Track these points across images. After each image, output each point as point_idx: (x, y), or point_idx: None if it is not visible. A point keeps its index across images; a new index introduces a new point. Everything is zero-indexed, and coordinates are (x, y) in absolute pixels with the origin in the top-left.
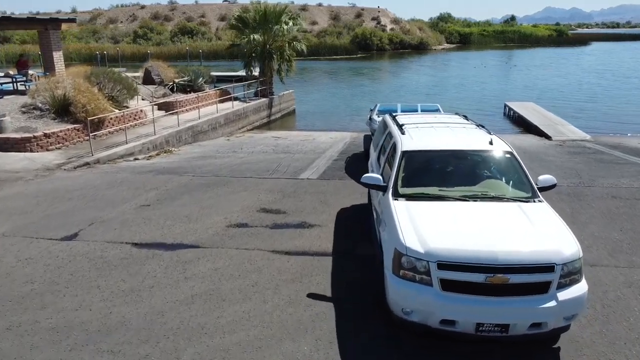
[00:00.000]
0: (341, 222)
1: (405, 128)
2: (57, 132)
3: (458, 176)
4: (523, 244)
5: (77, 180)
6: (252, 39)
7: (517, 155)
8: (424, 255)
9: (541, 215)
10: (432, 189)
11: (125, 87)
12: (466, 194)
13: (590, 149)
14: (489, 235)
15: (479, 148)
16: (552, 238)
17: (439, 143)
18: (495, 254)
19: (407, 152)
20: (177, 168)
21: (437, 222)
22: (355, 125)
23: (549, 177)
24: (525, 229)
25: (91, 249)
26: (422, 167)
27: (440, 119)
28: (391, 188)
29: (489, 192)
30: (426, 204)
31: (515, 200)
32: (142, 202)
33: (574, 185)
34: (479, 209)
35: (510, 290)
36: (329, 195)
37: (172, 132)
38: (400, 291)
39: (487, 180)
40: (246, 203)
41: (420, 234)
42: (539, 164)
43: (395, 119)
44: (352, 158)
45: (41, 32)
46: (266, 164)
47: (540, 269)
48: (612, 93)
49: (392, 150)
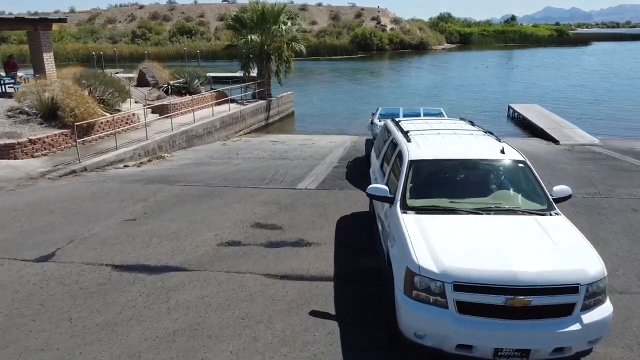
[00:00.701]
0: (342, 239)
1: (411, 135)
2: (44, 138)
3: (469, 187)
4: (545, 263)
5: (60, 191)
6: (250, 39)
7: (531, 165)
8: (438, 276)
9: (561, 230)
10: (442, 200)
11: (117, 90)
12: (479, 206)
13: (601, 154)
14: (508, 253)
15: (490, 157)
16: (574, 256)
17: (448, 152)
18: (515, 274)
19: (415, 161)
20: (168, 176)
21: (451, 239)
22: (356, 129)
23: (565, 187)
24: (545, 246)
25: (67, 272)
26: (431, 177)
27: (446, 124)
28: (399, 200)
29: (503, 205)
30: (438, 218)
31: (531, 213)
32: (128, 215)
33: (589, 196)
34: (495, 223)
35: (532, 313)
36: (329, 208)
37: (165, 136)
38: (412, 313)
39: (500, 191)
40: (239, 217)
41: (434, 252)
42: (550, 172)
43: (399, 124)
44: (353, 163)
45: (30, 33)
46: (262, 172)
47: (563, 290)
48: (615, 95)
49: (397, 158)
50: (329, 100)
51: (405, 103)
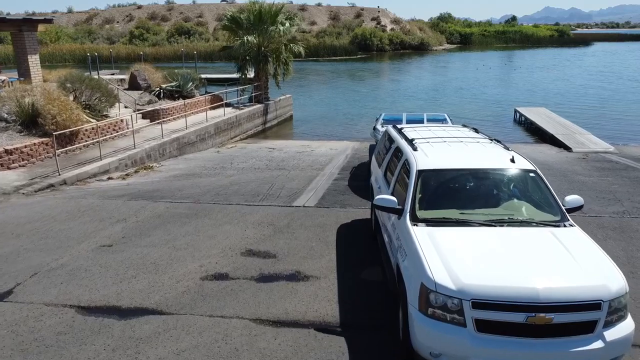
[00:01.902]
0: (345, 271)
1: (417, 144)
2: (21, 148)
3: (479, 197)
4: (565, 278)
5: (33, 209)
6: (246, 41)
7: (542, 174)
8: (456, 293)
9: (578, 243)
10: (453, 211)
11: (104, 95)
12: (491, 217)
13: (619, 163)
14: (527, 268)
15: (500, 167)
16: (595, 271)
17: (457, 161)
18: (537, 291)
19: (424, 171)
20: (154, 191)
21: (466, 253)
22: (356, 134)
23: (576, 197)
24: (564, 261)
25: (23, 316)
26: (440, 187)
27: (451, 132)
28: (408, 212)
29: (516, 216)
30: (450, 231)
31: (545, 225)
32: (103, 240)
33: (618, 215)
34: (509, 235)
35: (553, 331)
36: (329, 230)
37: (154, 144)
38: (428, 332)
39: (511, 201)
40: (229, 242)
41: (449, 267)
42: (568, 184)
43: (402, 132)
44: (355, 171)
45: (15, 34)
46: (257, 185)
47: (586, 306)
48: (620, 98)
49: (403, 168)
50: (328, 103)
51: (406, 106)
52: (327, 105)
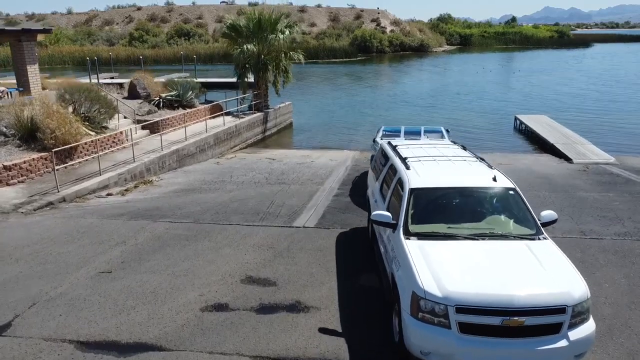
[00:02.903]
0: (347, 300)
1: (409, 162)
2: (20, 164)
3: (465, 213)
4: (536, 287)
5: (32, 230)
6: (246, 49)
7: (520, 191)
8: (442, 299)
9: (549, 255)
10: (441, 226)
11: (103, 107)
12: (475, 232)
13: (620, 176)
14: (503, 278)
15: (483, 185)
16: (562, 280)
17: (445, 180)
18: (511, 297)
19: (415, 189)
20: (154, 209)
21: (452, 264)
22: (356, 142)
23: (551, 212)
24: (535, 271)
25: (21, 353)
26: (430, 204)
27: (441, 150)
28: (402, 226)
29: (496, 230)
30: (438, 244)
31: (522, 238)
32: (103, 265)
33: (619, 237)
34: (489, 248)
35: (525, 332)
36: (329, 254)
37: (154, 158)
38: (419, 333)
39: (492, 216)
40: (229, 268)
41: (437, 277)
42: (569, 201)
43: (396, 149)
44: (357, 182)
45: (14, 44)
46: (257, 202)
47: (553, 311)
48: (620, 106)
49: (397, 185)
50: (327, 110)
51: (403, 114)
52: (326, 112)
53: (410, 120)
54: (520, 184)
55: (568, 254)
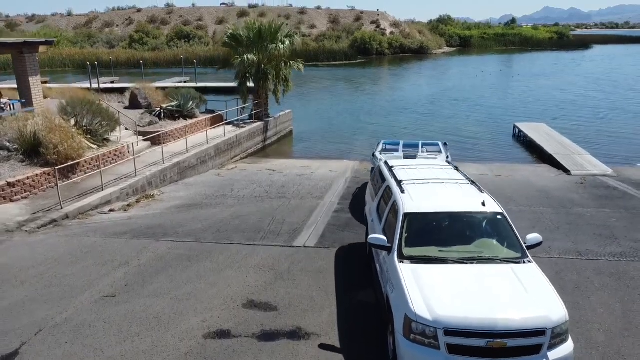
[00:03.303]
0: (347, 326)
1: (404, 186)
2: (24, 180)
3: (455, 236)
4: (518, 311)
5: (36, 250)
6: (247, 59)
7: (507, 216)
8: (432, 323)
9: (531, 278)
10: (433, 249)
11: (105, 120)
12: (464, 255)
13: (617, 190)
14: (488, 302)
15: (473, 210)
16: (542, 304)
17: (437, 205)
18: (495, 321)
19: (409, 214)
20: (156, 227)
21: (441, 289)
22: (355, 152)
23: (536, 235)
24: (518, 295)
25: None
26: (423, 227)
27: (436, 172)
28: (396, 250)
29: (484, 253)
30: (430, 268)
31: (508, 262)
32: (107, 288)
33: (615, 259)
34: (477, 272)
35: (508, 353)
36: (329, 276)
37: (155, 171)
38: (410, 354)
39: (481, 239)
40: (231, 291)
41: (428, 302)
42: (566, 218)
43: (393, 171)
44: (356, 196)
45: (16, 56)
46: (258, 219)
47: (533, 333)
48: (617, 111)
49: (392, 207)
50: (326, 117)
51: (401, 121)
52: (325, 120)
53: (409, 129)
54: (518, 199)
55: (565, 276)
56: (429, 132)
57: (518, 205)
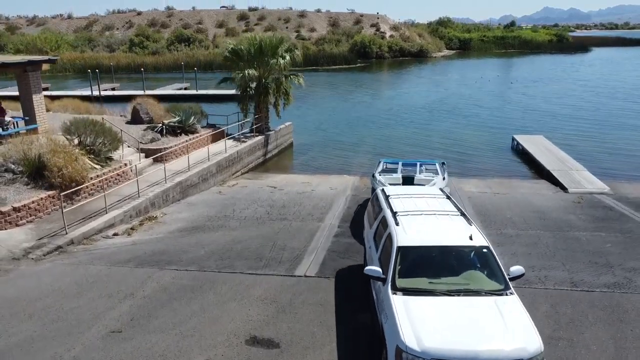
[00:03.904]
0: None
1: (399, 217)
2: (29, 204)
3: (444, 268)
4: (498, 343)
5: (42, 280)
6: (248, 74)
7: (492, 249)
8: (420, 354)
9: (511, 312)
10: (423, 280)
11: (108, 139)
12: (451, 287)
13: (613, 210)
14: (472, 335)
15: (461, 244)
16: (520, 336)
17: (428, 239)
18: (477, 353)
19: (402, 247)
20: (159, 253)
21: (430, 321)
22: (355, 166)
23: (519, 268)
24: (499, 328)
25: None
26: (415, 259)
27: (429, 202)
28: (390, 282)
29: (470, 285)
30: (420, 300)
31: (492, 294)
32: (113, 323)
33: (609, 290)
34: (462, 305)
35: None
36: (329, 309)
37: (158, 192)
38: None
39: (468, 271)
40: (234, 326)
41: (417, 334)
42: (562, 242)
43: (389, 201)
44: (360, 209)
45: (19, 75)
46: (259, 244)
47: None
48: (614, 122)
49: (388, 239)
50: (325, 128)
51: (400, 133)
52: (324, 131)
53: (407, 142)
54: (516, 220)
55: (559, 309)
56: (427, 145)
57: (515, 228)
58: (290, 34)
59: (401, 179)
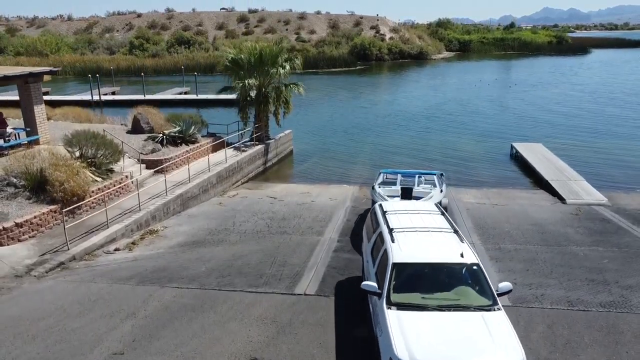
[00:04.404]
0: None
1: (395, 234)
2: (31, 219)
3: (436, 284)
4: (483, 356)
5: (45, 298)
6: (248, 84)
7: (482, 266)
8: None
9: (498, 326)
10: (416, 295)
11: (109, 150)
12: (442, 303)
13: (611, 223)
14: (459, 348)
15: (452, 261)
16: (504, 349)
17: (422, 256)
18: None
19: (397, 264)
20: (161, 270)
21: (421, 335)
22: (354, 174)
23: (507, 284)
24: (485, 342)
25: None
26: (409, 276)
27: (424, 218)
28: (385, 297)
29: (460, 301)
30: (413, 315)
31: (480, 309)
32: (115, 344)
33: (605, 309)
34: (452, 320)
35: None
36: (329, 329)
37: (159, 204)
38: None
39: (459, 287)
40: (234, 348)
41: (409, 347)
42: (559, 258)
43: (386, 217)
44: (359, 220)
45: (21, 86)
46: (259, 260)
47: None
48: (612, 128)
49: (384, 255)
50: (325, 134)
51: (399, 140)
52: (323, 138)
53: (405, 149)
54: (514, 234)
55: (556, 330)
56: (425, 154)
57: (514, 242)
58: (290, 36)
59: (400, 191)
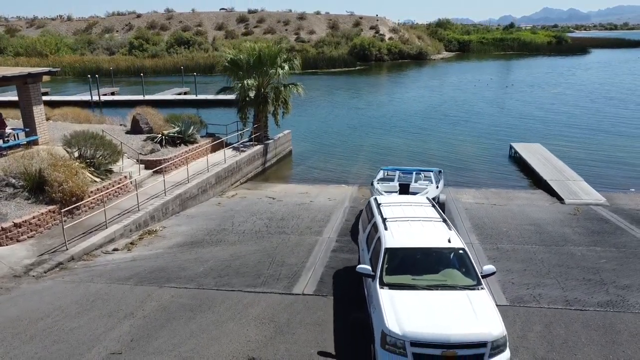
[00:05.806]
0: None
1: (388, 223)
2: (30, 220)
3: (425, 266)
4: (466, 328)
5: (44, 298)
6: (247, 84)
7: (468, 250)
8: (401, 337)
9: (480, 303)
10: (407, 277)
11: (108, 152)
12: (431, 283)
13: (609, 223)
14: (445, 321)
15: (440, 246)
16: (486, 322)
17: (412, 241)
18: (448, 336)
19: (389, 249)
20: (159, 270)
21: (410, 310)
22: (353, 174)
23: (491, 267)
24: (468, 316)
25: None
26: (400, 259)
27: (416, 210)
28: (378, 278)
29: (447, 281)
30: (403, 293)
31: (465, 289)
32: (113, 344)
33: (602, 309)
34: (439, 297)
35: None
36: (327, 329)
37: (157, 205)
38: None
39: (446, 269)
40: (232, 348)
41: (399, 320)
42: (557, 258)
43: (380, 209)
44: (354, 227)
45: (20, 87)
46: (258, 260)
47: (477, 345)
48: (609, 128)
49: (378, 242)
50: (324, 134)
51: (396, 142)
52: (322, 138)
53: (404, 149)
54: (513, 234)
55: (553, 330)
56: (425, 154)
57: (511, 242)
58: (290, 36)
59: (398, 186)
